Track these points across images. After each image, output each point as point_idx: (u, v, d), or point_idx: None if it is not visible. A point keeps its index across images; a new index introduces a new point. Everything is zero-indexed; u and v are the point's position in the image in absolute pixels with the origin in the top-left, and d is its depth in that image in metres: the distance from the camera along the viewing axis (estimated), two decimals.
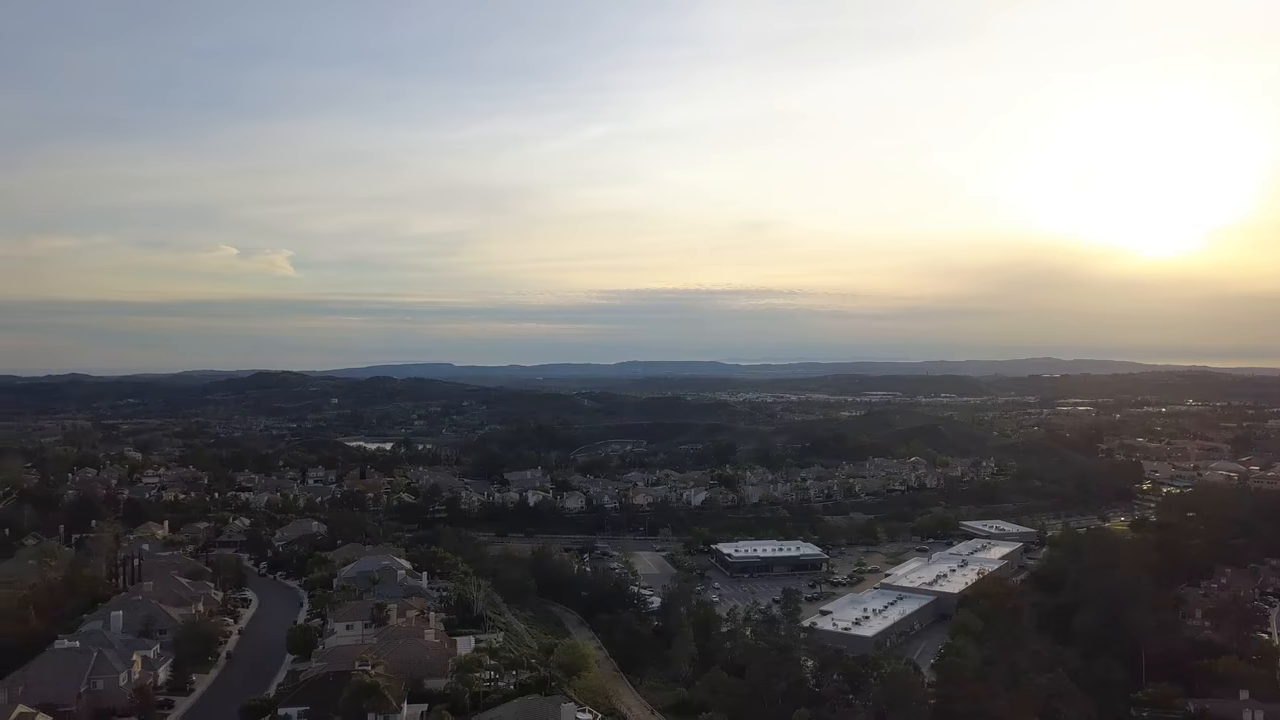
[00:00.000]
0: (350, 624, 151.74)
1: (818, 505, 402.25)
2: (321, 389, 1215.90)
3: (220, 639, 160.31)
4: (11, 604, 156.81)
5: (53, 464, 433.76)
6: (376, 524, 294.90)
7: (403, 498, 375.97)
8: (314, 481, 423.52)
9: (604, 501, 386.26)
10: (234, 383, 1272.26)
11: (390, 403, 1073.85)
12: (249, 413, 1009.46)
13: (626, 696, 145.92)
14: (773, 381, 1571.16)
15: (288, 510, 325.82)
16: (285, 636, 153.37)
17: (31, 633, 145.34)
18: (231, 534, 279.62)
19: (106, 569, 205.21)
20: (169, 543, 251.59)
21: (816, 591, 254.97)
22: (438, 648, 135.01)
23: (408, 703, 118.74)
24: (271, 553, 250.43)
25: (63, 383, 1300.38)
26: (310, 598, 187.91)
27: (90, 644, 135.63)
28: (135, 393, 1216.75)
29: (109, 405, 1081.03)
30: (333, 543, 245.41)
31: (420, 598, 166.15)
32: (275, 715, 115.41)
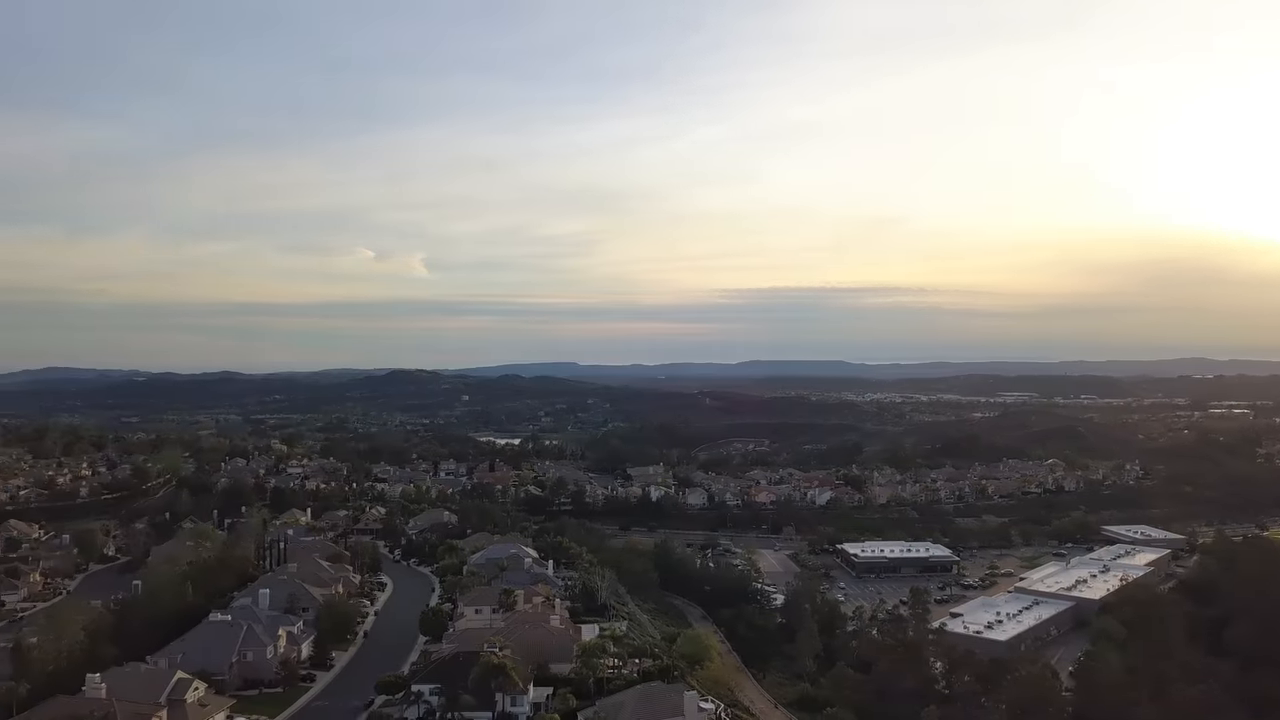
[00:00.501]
0: (479, 608, 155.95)
1: (948, 507, 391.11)
2: (453, 387, 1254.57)
3: (358, 619, 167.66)
4: (172, 580, 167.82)
5: (207, 454, 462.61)
6: (504, 514, 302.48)
7: (529, 490, 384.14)
8: (445, 474, 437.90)
9: (726, 499, 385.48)
10: (371, 380, 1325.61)
11: (518, 400, 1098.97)
12: (385, 409, 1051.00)
13: (749, 689, 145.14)
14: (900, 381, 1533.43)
15: (420, 500, 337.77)
16: (418, 619, 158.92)
17: (189, 606, 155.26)
18: (368, 522, 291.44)
19: (255, 551, 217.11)
20: (311, 529, 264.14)
21: (946, 594, 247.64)
22: (563, 633, 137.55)
23: (533, 685, 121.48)
24: (405, 540, 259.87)
25: (216, 380, 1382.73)
26: (441, 583, 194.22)
27: (241, 618, 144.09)
28: (281, 389, 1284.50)
29: (257, 401, 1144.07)
30: (463, 531, 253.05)
31: (546, 585, 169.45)
32: (409, 692, 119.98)
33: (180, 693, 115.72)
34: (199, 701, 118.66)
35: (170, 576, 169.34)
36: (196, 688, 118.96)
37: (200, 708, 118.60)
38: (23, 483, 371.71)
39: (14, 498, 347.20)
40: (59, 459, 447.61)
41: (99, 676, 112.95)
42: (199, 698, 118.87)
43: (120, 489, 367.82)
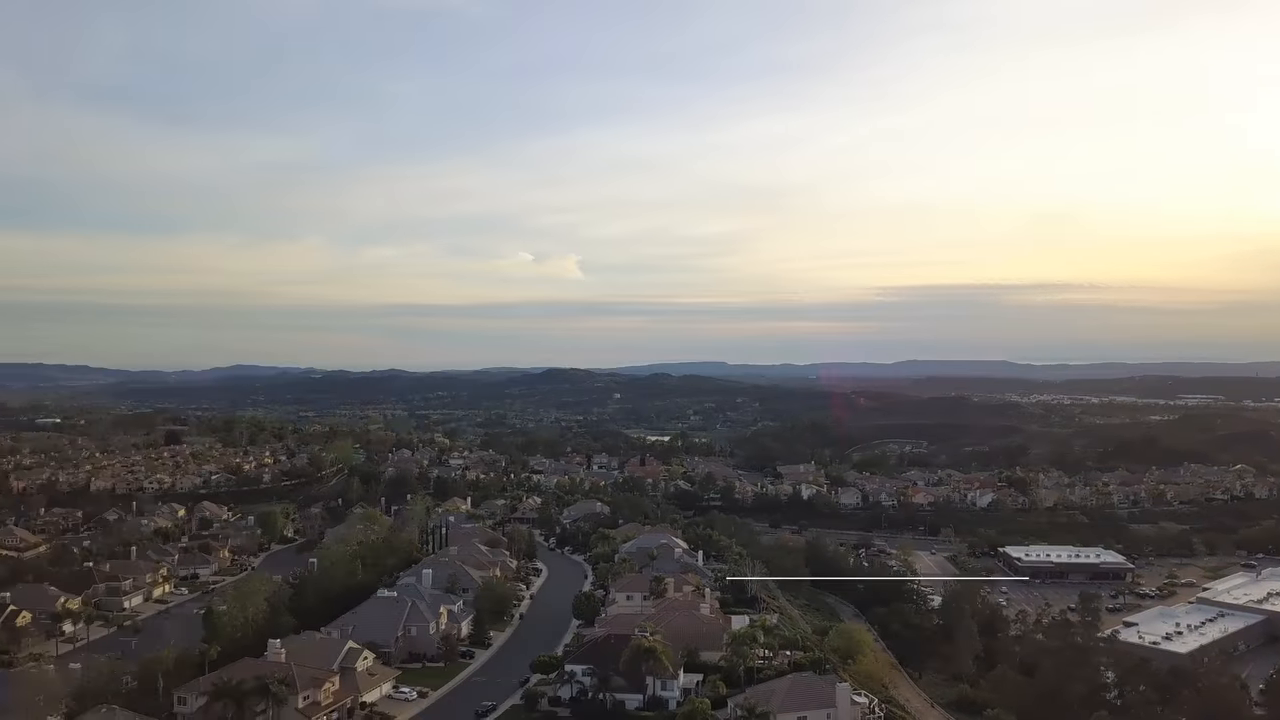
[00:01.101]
0: (630, 595, 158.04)
1: (1121, 512, 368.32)
2: (605, 385, 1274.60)
3: (514, 601, 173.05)
4: (344, 559, 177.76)
5: (376, 446, 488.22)
6: (654, 507, 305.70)
7: (679, 484, 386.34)
8: (598, 467, 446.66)
9: (880, 499, 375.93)
10: (528, 378, 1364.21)
11: (667, 398, 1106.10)
12: (541, 405, 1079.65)
13: (904, 687, 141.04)
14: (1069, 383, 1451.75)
15: (574, 492, 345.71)
16: (571, 603, 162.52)
17: (359, 584, 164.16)
18: (525, 511, 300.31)
19: (418, 535, 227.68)
20: (471, 516, 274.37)
21: (1119, 602, 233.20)
22: (713, 622, 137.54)
23: (683, 671, 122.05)
24: (559, 529, 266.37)
25: (384, 377, 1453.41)
26: (594, 570, 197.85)
27: (405, 596, 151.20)
28: (444, 386, 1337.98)
29: (421, 397, 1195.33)
30: (614, 522, 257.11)
31: (696, 574, 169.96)
32: (563, 671, 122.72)
33: (351, 661, 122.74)
34: (368, 671, 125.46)
35: (342, 556, 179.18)
36: (365, 657, 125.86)
37: (369, 676, 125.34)
38: (214, 469, 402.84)
39: (206, 482, 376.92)
40: (245, 448, 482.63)
41: (279, 643, 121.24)
42: (367, 667, 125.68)
43: (298, 476, 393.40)
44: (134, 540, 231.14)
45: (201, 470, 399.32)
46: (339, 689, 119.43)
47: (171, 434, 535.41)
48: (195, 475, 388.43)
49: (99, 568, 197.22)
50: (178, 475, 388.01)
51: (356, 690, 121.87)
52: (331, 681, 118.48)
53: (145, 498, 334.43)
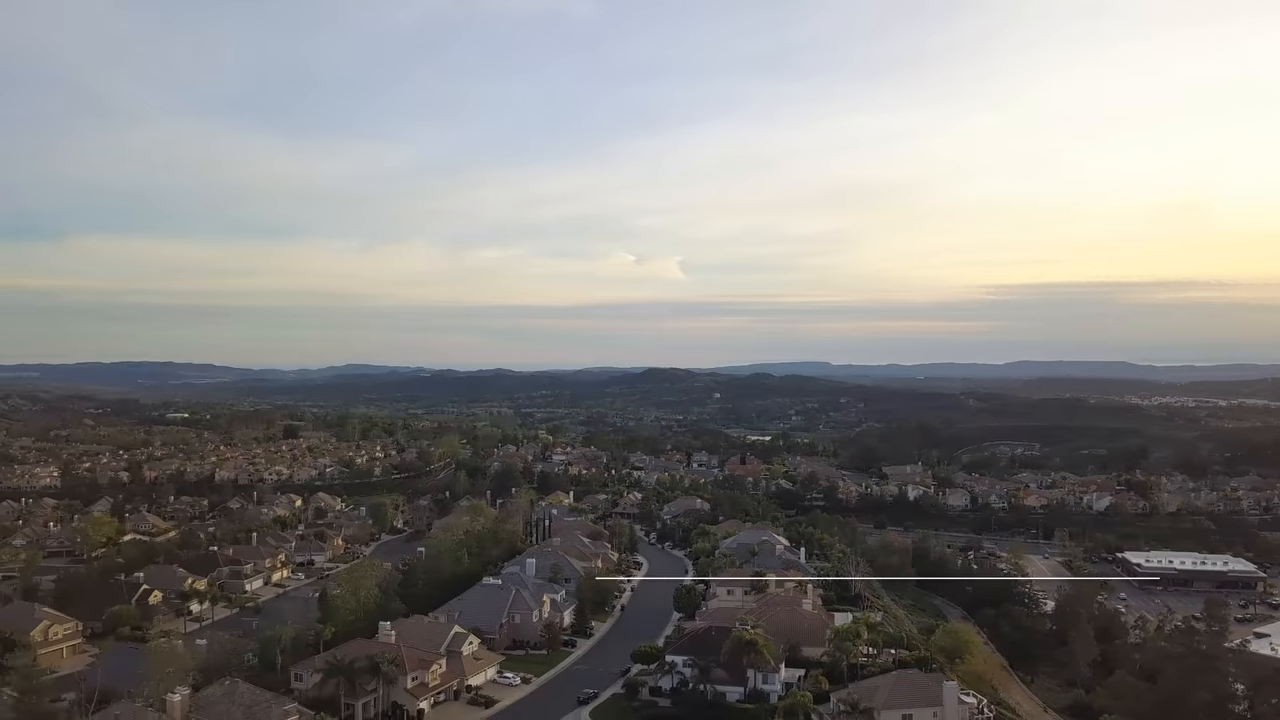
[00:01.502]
0: (731, 589, 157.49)
1: (1252, 519, 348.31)
2: (705, 385, 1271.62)
3: (615, 593, 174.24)
4: (451, 547, 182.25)
5: (482, 442, 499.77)
6: (755, 504, 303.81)
7: (780, 483, 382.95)
8: (698, 465, 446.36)
9: (990, 500, 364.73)
10: (629, 378, 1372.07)
11: (768, 398, 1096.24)
12: (641, 405, 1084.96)
13: (1015, 691, 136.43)
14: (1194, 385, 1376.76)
15: (674, 488, 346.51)
16: (672, 595, 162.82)
17: (465, 571, 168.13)
18: (625, 506, 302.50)
19: (523, 526, 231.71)
20: (573, 509, 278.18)
21: (1249, 613, 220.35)
22: (815, 618, 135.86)
23: (785, 665, 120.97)
24: (660, 524, 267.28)
25: (489, 376, 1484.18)
26: (694, 564, 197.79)
27: (510, 584, 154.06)
28: (547, 385, 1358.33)
29: (526, 396, 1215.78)
30: (714, 518, 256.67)
31: (798, 570, 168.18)
32: (664, 662, 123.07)
33: (457, 645, 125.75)
34: (473, 655, 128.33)
35: (449, 545, 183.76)
36: (471, 642, 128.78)
37: (474, 660, 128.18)
38: (328, 462, 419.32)
39: (321, 474, 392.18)
40: (357, 442, 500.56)
41: (389, 625, 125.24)
42: (473, 651, 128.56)
43: (408, 470, 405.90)
44: (255, 527, 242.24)
45: (317, 463, 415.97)
46: (445, 671, 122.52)
47: (289, 429, 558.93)
48: (311, 468, 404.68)
49: (223, 552, 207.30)
50: (295, 467, 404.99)
51: (462, 673, 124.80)
52: (439, 664, 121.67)
53: (265, 488, 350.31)
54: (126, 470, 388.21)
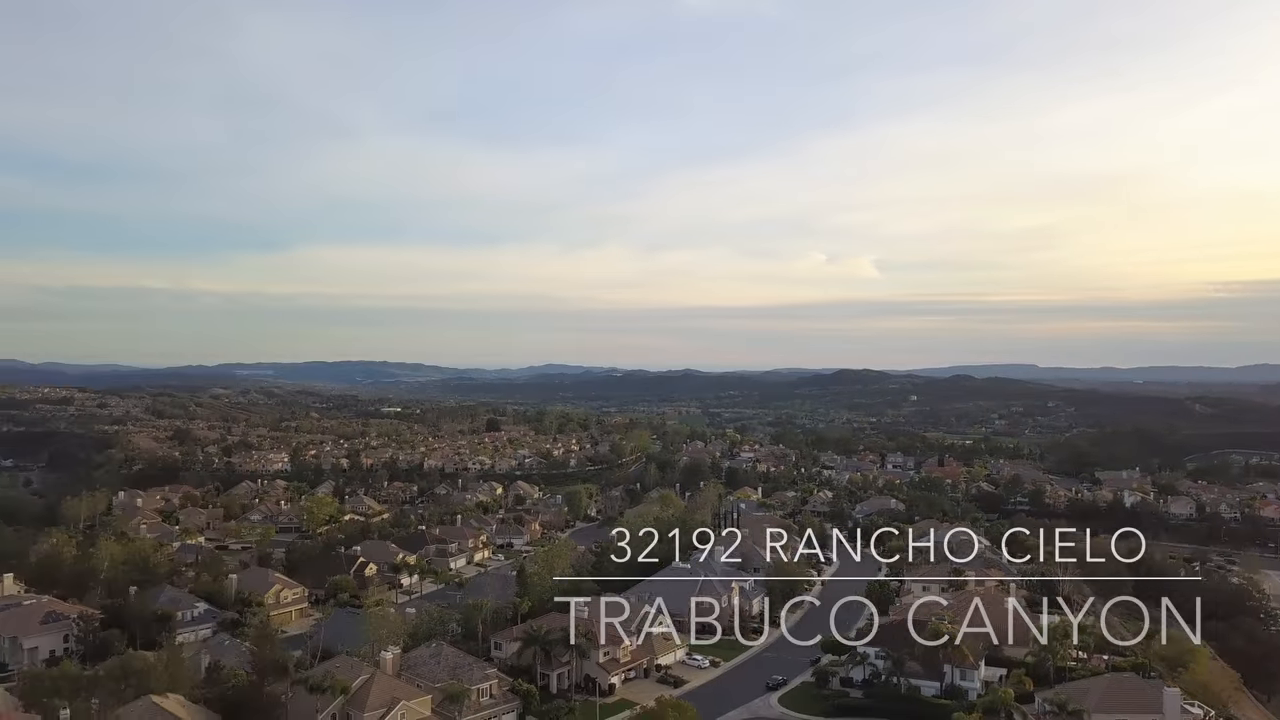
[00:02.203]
0: (927, 586, 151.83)
1: None
2: (900, 386, 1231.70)
3: (805, 585, 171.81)
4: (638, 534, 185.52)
5: (671, 437, 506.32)
6: (953, 506, 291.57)
7: (981, 486, 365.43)
8: (892, 466, 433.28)
9: (1220, 510, 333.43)
10: (819, 379, 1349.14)
11: (969, 401, 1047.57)
12: (832, 406, 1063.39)
13: (1248, 709, 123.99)
14: None
15: (866, 488, 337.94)
16: (864, 590, 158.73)
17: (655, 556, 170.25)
18: (815, 504, 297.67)
19: (711, 518, 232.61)
20: (761, 504, 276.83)
21: None
22: (1017, 618, 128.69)
23: (984, 664, 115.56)
24: (851, 522, 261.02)
25: (679, 376, 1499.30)
26: (887, 562, 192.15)
27: (698, 570, 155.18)
28: (735, 386, 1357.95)
29: (714, 396, 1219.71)
30: (909, 518, 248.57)
31: (999, 570, 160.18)
32: (855, 653, 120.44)
33: (646, 625, 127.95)
34: (663, 635, 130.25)
35: (640, 528, 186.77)
36: (661, 622, 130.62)
37: (664, 640, 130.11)
38: (527, 453, 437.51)
39: (520, 464, 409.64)
40: (554, 436, 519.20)
41: (583, 601, 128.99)
42: (662, 632, 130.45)
43: (600, 462, 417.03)
44: (459, 511, 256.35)
45: (516, 454, 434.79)
46: (636, 649, 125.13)
47: (492, 422, 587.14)
48: (511, 458, 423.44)
49: (430, 532, 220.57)
50: (496, 458, 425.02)
51: (652, 652, 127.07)
52: (629, 641, 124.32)
53: (469, 476, 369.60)
54: (346, 458, 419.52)
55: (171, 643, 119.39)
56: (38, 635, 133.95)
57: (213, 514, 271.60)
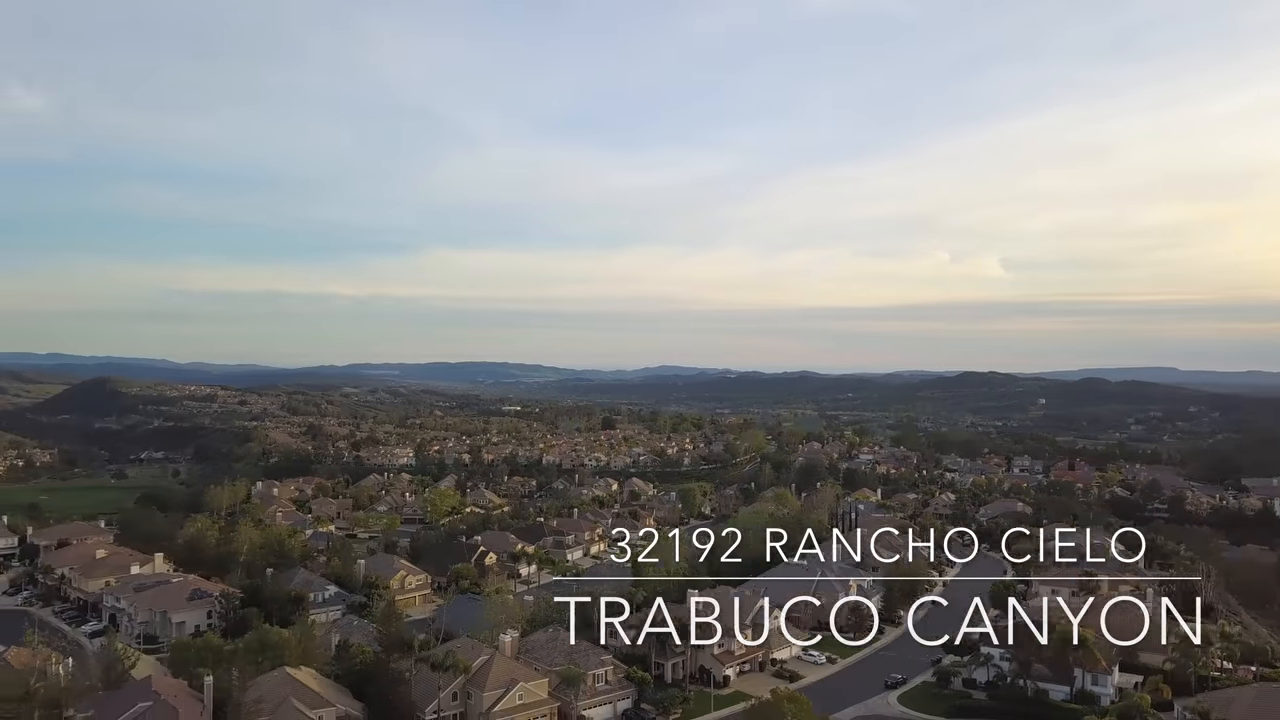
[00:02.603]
0: (1056, 588, 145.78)
1: None
2: (1028, 390, 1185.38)
3: (926, 586, 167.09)
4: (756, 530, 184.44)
5: (786, 438, 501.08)
6: (1085, 511, 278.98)
7: (1115, 491, 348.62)
8: (1018, 470, 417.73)
9: None
10: (941, 382, 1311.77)
11: (1102, 405, 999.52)
12: (955, 409, 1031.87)
13: None
14: None
15: (991, 491, 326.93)
16: (987, 592, 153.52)
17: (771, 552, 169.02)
18: (938, 506, 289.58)
19: (828, 517, 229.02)
20: (880, 505, 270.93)
21: None
22: (1154, 624, 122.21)
23: (1118, 669, 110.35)
24: (975, 526, 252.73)
25: (795, 378, 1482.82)
26: (1013, 565, 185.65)
27: (815, 568, 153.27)
28: (853, 388, 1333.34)
29: (831, 399, 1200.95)
30: (1037, 521, 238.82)
31: (1135, 574, 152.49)
32: (978, 653, 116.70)
33: (761, 619, 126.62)
34: (777, 630, 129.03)
35: (755, 526, 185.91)
36: (776, 617, 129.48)
37: (779, 635, 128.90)
38: (642, 451, 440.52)
39: (635, 462, 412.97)
40: (668, 435, 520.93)
41: (697, 593, 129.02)
42: (777, 626, 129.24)
43: (714, 461, 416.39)
44: (576, 505, 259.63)
45: (631, 452, 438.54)
46: (751, 642, 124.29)
47: (607, 420, 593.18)
48: (626, 456, 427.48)
49: (548, 524, 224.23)
50: (612, 455, 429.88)
51: (768, 646, 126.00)
52: (744, 634, 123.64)
53: (585, 472, 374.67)
54: (468, 453, 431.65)
55: (305, 621, 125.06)
56: (185, 611, 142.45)
57: (342, 504, 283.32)
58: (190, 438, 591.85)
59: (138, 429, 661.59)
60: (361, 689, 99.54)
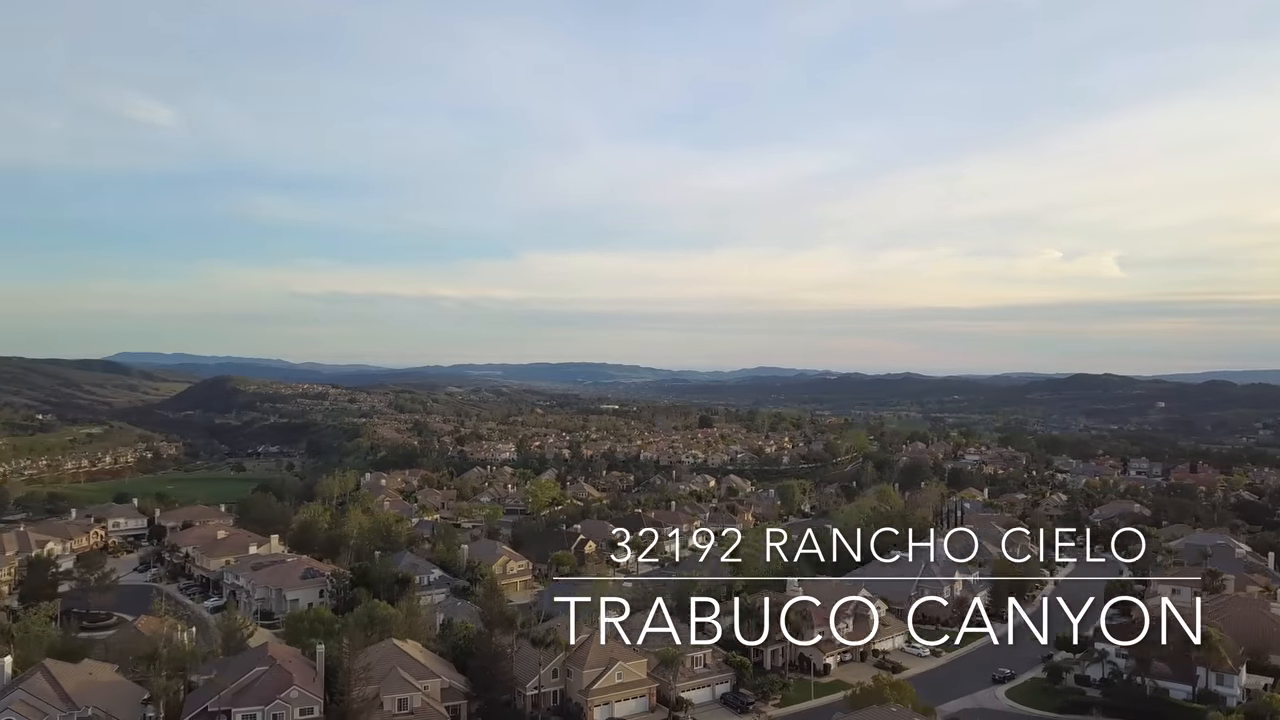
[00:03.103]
0: (1177, 589, 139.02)
1: None
2: (1147, 392, 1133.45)
3: (1036, 585, 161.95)
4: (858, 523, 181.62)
5: (889, 438, 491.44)
6: (1207, 513, 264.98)
7: (1241, 495, 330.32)
8: (1135, 472, 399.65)
9: None
10: (1052, 384, 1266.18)
11: (1227, 409, 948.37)
12: (1066, 412, 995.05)
13: None
14: None
15: (1105, 492, 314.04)
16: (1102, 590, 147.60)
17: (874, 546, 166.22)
18: (1048, 507, 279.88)
19: (932, 514, 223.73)
20: (987, 505, 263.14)
21: None
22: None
23: (1245, 671, 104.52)
24: (1088, 527, 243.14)
25: (897, 380, 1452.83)
26: (1129, 565, 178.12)
27: (919, 562, 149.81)
28: (959, 390, 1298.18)
29: (935, 401, 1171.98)
30: (1156, 522, 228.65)
31: (1264, 576, 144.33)
32: (1091, 650, 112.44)
33: (863, 609, 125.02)
34: (880, 620, 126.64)
35: (856, 519, 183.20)
36: (878, 608, 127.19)
37: (882, 626, 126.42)
38: (739, 449, 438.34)
39: (733, 459, 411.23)
40: (766, 434, 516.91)
41: (796, 581, 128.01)
42: (880, 617, 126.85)
43: (814, 460, 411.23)
44: (673, 498, 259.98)
45: (728, 449, 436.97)
46: (851, 632, 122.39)
47: (704, 419, 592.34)
48: (723, 453, 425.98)
49: (646, 515, 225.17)
50: (709, 452, 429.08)
51: (869, 637, 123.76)
52: (845, 624, 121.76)
53: (682, 468, 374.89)
54: (568, 449, 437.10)
55: (411, 599, 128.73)
56: (298, 588, 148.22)
57: (447, 495, 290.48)
58: (303, 433, 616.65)
59: (255, 425, 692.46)
60: (464, 663, 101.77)
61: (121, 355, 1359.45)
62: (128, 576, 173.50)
